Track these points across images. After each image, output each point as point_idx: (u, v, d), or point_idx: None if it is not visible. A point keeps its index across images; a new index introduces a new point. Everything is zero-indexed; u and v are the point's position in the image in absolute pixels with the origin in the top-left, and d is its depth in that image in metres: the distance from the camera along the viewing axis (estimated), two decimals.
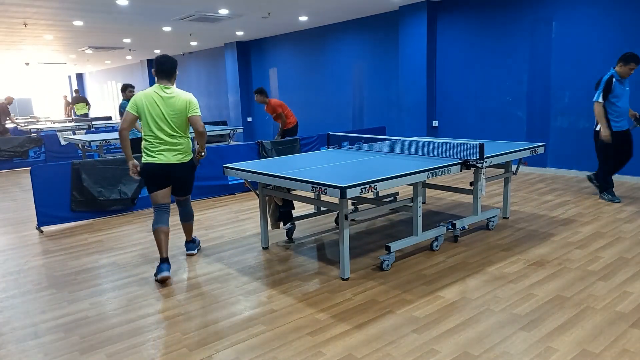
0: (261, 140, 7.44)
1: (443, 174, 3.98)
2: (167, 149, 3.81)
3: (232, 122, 14.59)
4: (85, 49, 13.98)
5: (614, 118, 5.68)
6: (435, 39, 9.01)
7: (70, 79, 26.13)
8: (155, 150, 3.80)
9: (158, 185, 3.89)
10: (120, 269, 4.15)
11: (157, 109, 3.75)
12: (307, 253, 4.37)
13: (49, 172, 5.53)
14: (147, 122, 3.78)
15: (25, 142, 10.80)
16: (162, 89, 3.79)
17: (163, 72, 3.82)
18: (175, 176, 3.92)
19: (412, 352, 2.66)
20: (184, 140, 3.89)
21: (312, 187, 3.42)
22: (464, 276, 3.71)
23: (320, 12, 9.52)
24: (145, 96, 3.76)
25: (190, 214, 4.30)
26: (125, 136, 3.81)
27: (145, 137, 3.82)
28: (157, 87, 3.80)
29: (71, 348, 2.85)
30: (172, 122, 3.79)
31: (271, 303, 3.35)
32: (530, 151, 4.88)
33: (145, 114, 3.76)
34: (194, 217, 4.37)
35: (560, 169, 7.71)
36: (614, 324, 2.90)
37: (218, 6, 8.50)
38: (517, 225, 5.00)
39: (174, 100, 3.78)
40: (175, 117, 3.79)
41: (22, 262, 4.45)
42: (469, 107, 8.75)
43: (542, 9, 7.53)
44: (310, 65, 12.01)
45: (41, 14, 8.55)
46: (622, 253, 4.09)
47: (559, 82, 7.50)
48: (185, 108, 3.81)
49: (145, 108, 3.75)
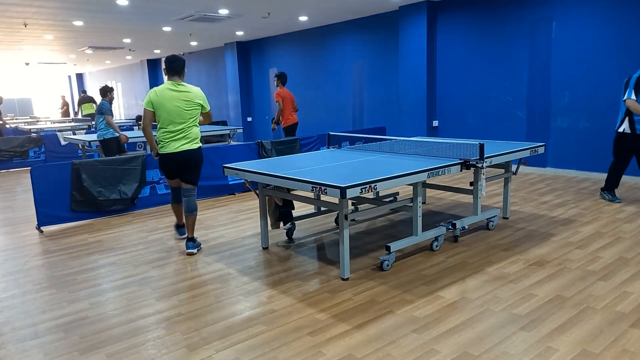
0: (261, 140, 7.44)
1: (443, 174, 3.98)
2: (180, 137, 4.23)
3: (232, 122, 14.59)
4: (85, 49, 13.98)
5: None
6: (435, 39, 9.01)
7: (70, 79, 26.13)
8: (170, 141, 4.23)
9: (172, 174, 4.43)
10: (120, 269, 4.15)
11: (171, 103, 4.16)
12: (307, 253, 4.37)
13: (49, 172, 5.53)
14: (161, 116, 4.18)
15: (25, 142, 10.80)
16: (175, 85, 4.21)
17: (173, 70, 4.22)
18: (185, 161, 4.29)
19: (412, 352, 2.66)
20: (194, 129, 4.31)
21: (312, 187, 3.42)
22: (464, 276, 3.71)
23: (320, 12, 9.52)
24: (159, 93, 4.16)
25: (194, 206, 4.45)
26: (148, 132, 4.32)
27: (160, 129, 4.24)
28: (169, 84, 4.21)
29: (71, 348, 2.85)
30: (185, 115, 4.21)
31: (271, 303, 3.35)
32: (530, 151, 4.88)
33: (160, 109, 4.16)
34: (197, 212, 4.49)
35: (560, 169, 7.72)
36: (614, 324, 2.90)
37: (218, 6, 8.50)
38: (517, 225, 5.00)
39: (187, 94, 4.22)
40: (189, 109, 4.22)
41: (22, 262, 4.45)
42: (469, 107, 8.75)
43: (542, 9, 7.54)
44: (310, 65, 12.01)
45: (41, 14, 8.55)
46: (622, 253, 4.09)
47: (559, 82, 7.50)
48: (199, 102, 4.28)
49: (160, 104, 4.15)
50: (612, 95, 6.96)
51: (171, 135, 4.20)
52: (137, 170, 6.11)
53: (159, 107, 4.16)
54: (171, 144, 4.22)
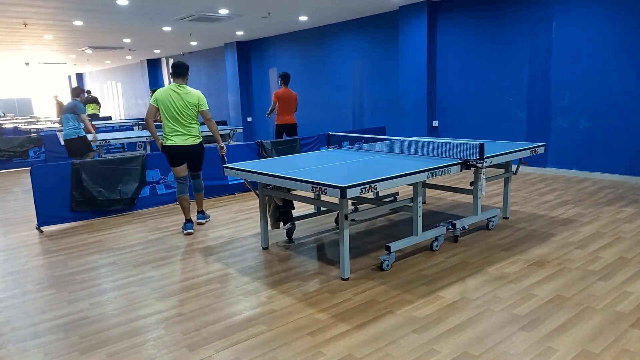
0: (261, 140, 7.44)
1: (443, 174, 3.98)
2: (181, 133, 4.91)
3: (232, 122, 14.59)
4: (85, 49, 13.99)
5: None
6: (435, 39, 9.01)
7: (70, 79, 26.13)
8: (172, 135, 4.90)
9: (176, 162, 5.01)
10: (120, 269, 4.15)
11: (173, 103, 4.82)
12: (307, 253, 4.37)
13: (49, 172, 5.53)
14: (165, 113, 4.85)
15: (25, 142, 10.80)
16: (178, 87, 4.87)
17: (177, 74, 4.90)
18: (188, 154, 5.00)
19: (412, 352, 2.66)
20: (194, 126, 4.97)
21: (312, 187, 3.42)
22: (464, 276, 3.71)
23: (320, 12, 9.52)
24: (163, 92, 4.84)
25: (201, 186, 5.36)
26: (150, 124, 4.92)
27: (164, 125, 4.91)
28: (173, 86, 4.88)
29: (71, 348, 2.85)
30: (185, 113, 4.86)
31: (271, 303, 3.35)
32: (530, 151, 4.88)
33: (163, 107, 4.83)
34: (204, 190, 5.51)
35: (560, 169, 7.72)
36: (614, 324, 2.90)
37: (218, 6, 8.50)
38: (517, 225, 5.00)
39: (186, 95, 4.86)
40: (187, 109, 4.87)
41: (22, 262, 4.45)
42: (469, 107, 8.75)
43: (542, 9, 7.54)
44: (310, 65, 12.02)
45: (41, 14, 8.55)
46: (622, 253, 4.09)
47: (559, 82, 7.50)
48: (196, 102, 4.90)
49: (163, 102, 4.82)
50: (612, 95, 6.97)
51: (173, 129, 4.88)
52: (137, 170, 6.11)
53: (161, 104, 4.83)
54: (175, 138, 4.89)
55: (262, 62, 13.62)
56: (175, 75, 4.89)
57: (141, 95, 19.55)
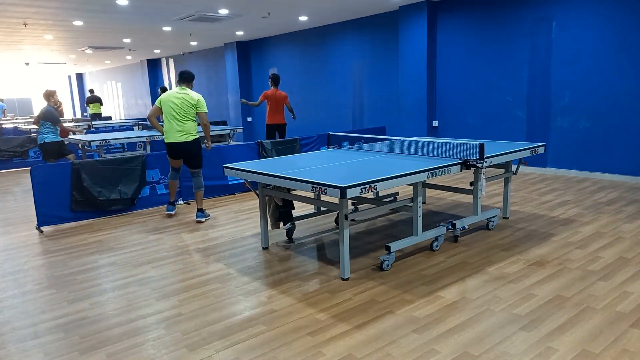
0: (261, 140, 7.44)
1: (443, 174, 3.98)
2: (177, 131, 5.39)
3: (232, 122, 14.59)
4: (85, 49, 13.98)
5: None
6: (435, 39, 9.01)
7: (70, 79, 26.13)
8: (170, 133, 5.40)
9: (172, 156, 5.56)
10: (120, 269, 4.15)
11: (172, 103, 5.35)
12: (307, 253, 4.37)
13: (49, 172, 5.53)
14: (165, 112, 5.40)
15: (25, 142, 10.79)
16: (180, 89, 5.42)
17: (182, 80, 5.51)
18: (183, 150, 5.46)
19: (412, 352, 2.66)
20: (189, 124, 5.42)
21: (312, 187, 3.42)
22: (464, 276, 3.71)
23: (320, 12, 9.52)
24: (168, 94, 5.40)
25: (200, 184, 5.64)
26: (153, 120, 5.48)
27: (164, 124, 5.46)
28: (177, 89, 5.45)
29: (71, 348, 2.85)
30: (181, 113, 5.36)
31: (271, 303, 3.35)
32: (530, 151, 4.88)
33: (164, 107, 5.40)
34: (203, 188, 5.70)
35: (560, 169, 7.72)
36: (614, 324, 2.90)
37: (218, 6, 8.50)
38: (517, 225, 5.00)
39: (186, 95, 5.38)
40: (184, 107, 5.36)
41: (22, 262, 4.45)
42: (469, 107, 8.75)
43: (542, 9, 7.54)
44: (310, 65, 12.01)
45: (41, 14, 8.55)
46: (622, 253, 4.09)
47: (559, 82, 7.50)
48: (194, 102, 5.39)
49: (165, 103, 5.39)
50: (612, 95, 6.97)
51: (170, 127, 5.39)
52: (137, 170, 6.11)
53: (164, 104, 5.40)
54: (171, 135, 5.40)
55: (262, 62, 13.62)
56: (180, 80, 5.52)
57: (141, 95, 19.55)
